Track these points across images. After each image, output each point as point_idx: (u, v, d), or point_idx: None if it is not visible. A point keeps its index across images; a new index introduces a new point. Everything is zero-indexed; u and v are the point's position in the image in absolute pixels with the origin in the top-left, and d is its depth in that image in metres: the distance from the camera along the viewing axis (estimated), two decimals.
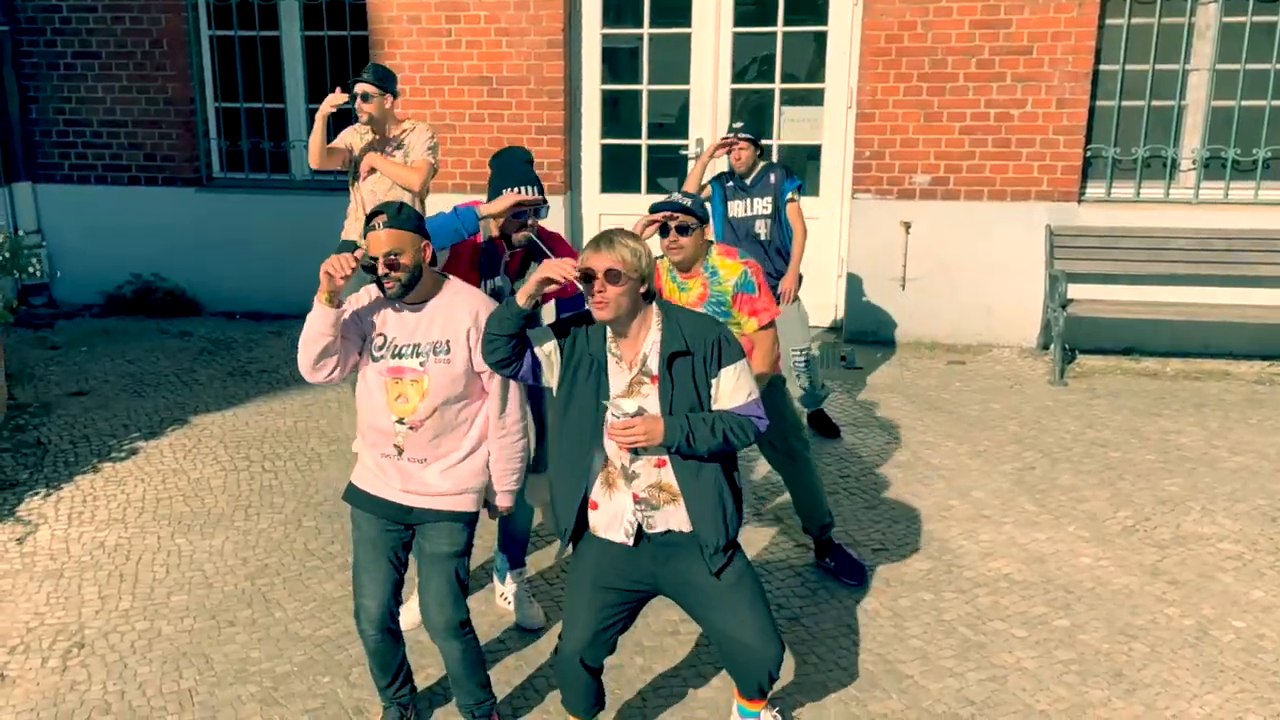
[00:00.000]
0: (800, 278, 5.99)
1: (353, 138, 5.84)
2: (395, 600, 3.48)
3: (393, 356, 3.31)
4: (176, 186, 8.84)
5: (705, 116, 8.15)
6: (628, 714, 3.77)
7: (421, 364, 3.30)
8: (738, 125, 5.99)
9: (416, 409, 3.31)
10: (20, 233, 8.35)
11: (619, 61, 8.44)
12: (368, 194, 5.68)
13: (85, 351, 7.82)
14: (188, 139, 8.79)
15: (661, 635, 4.25)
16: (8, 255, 6.14)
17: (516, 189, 3.85)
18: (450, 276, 3.45)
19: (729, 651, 3.31)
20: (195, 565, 4.80)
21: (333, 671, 4.01)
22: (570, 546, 3.32)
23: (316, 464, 5.88)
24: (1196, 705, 3.86)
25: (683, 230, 4.04)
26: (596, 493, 3.22)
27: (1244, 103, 7.59)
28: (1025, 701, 3.87)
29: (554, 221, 7.77)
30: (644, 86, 8.25)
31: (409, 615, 4.19)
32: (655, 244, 4.07)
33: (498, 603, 4.47)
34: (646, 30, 8.14)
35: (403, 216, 3.23)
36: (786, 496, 5.16)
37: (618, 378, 3.15)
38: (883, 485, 5.65)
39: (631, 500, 3.18)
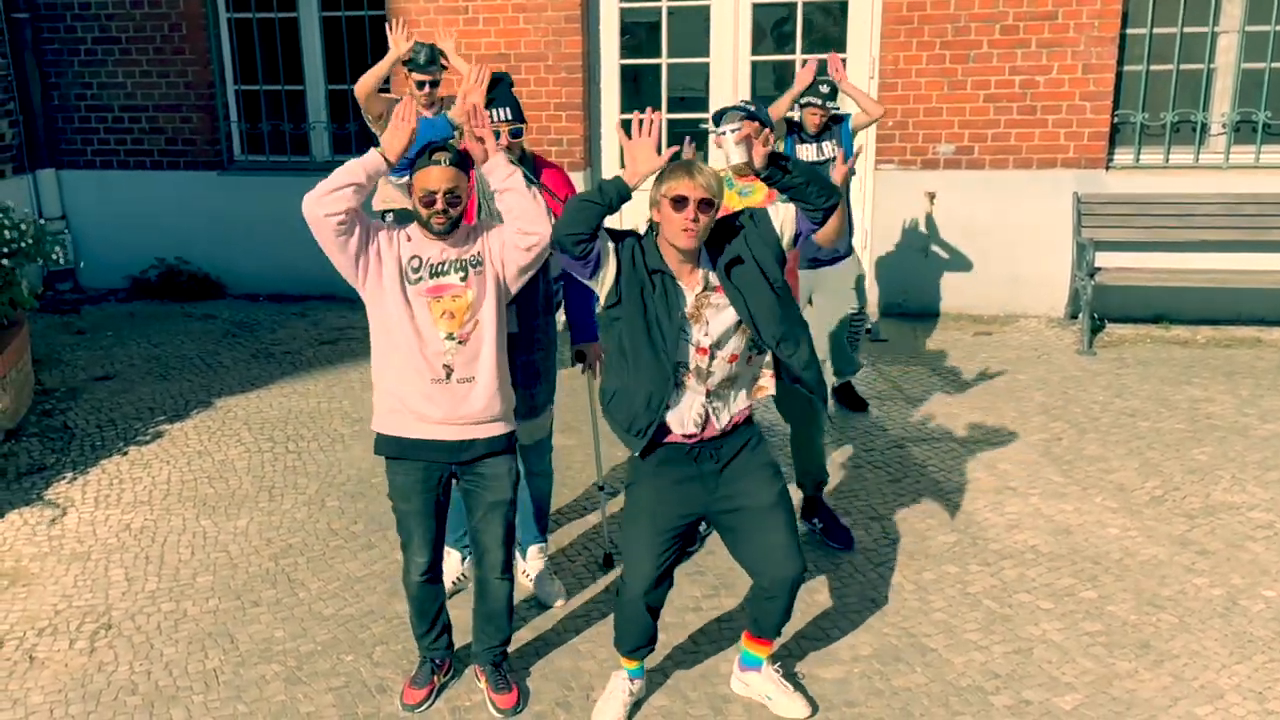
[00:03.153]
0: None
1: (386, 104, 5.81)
2: (440, 546, 3.63)
3: (431, 276, 3.38)
4: (198, 170, 8.87)
5: (725, 89, 8.08)
6: (650, 689, 3.76)
7: (463, 278, 3.40)
8: (819, 96, 5.93)
9: (464, 322, 3.39)
10: (44, 219, 8.41)
11: (639, 35, 8.36)
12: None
13: (111, 336, 7.87)
14: (208, 122, 8.81)
15: (684, 611, 4.24)
16: (32, 242, 6.17)
17: (491, 110, 3.86)
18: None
19: (758, 570, 3.42)
20: (220, 546, 4.83)
21: (356, 650, 4.03)
22: (644, 441, 3.34)
23: (340, 444, 5.90)
24: (1225, 675, 3.81)
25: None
26: (669, 395, 3.29)
27: (1275, 65, 7.44)
28: (1051, 674, 3.84)
29: None
30: (663, 60, 8.19)
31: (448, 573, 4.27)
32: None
33: (519, 579, 4.47)
34: (665, 3, 8.07)
35: (461, 156, 3.37)
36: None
37: (677, 294, 3.23)
38: (908, 458, 5.61)
39: (704, 395, 3.30)
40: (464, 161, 3.41)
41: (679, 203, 3.09)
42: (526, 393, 3.98)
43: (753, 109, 4.22)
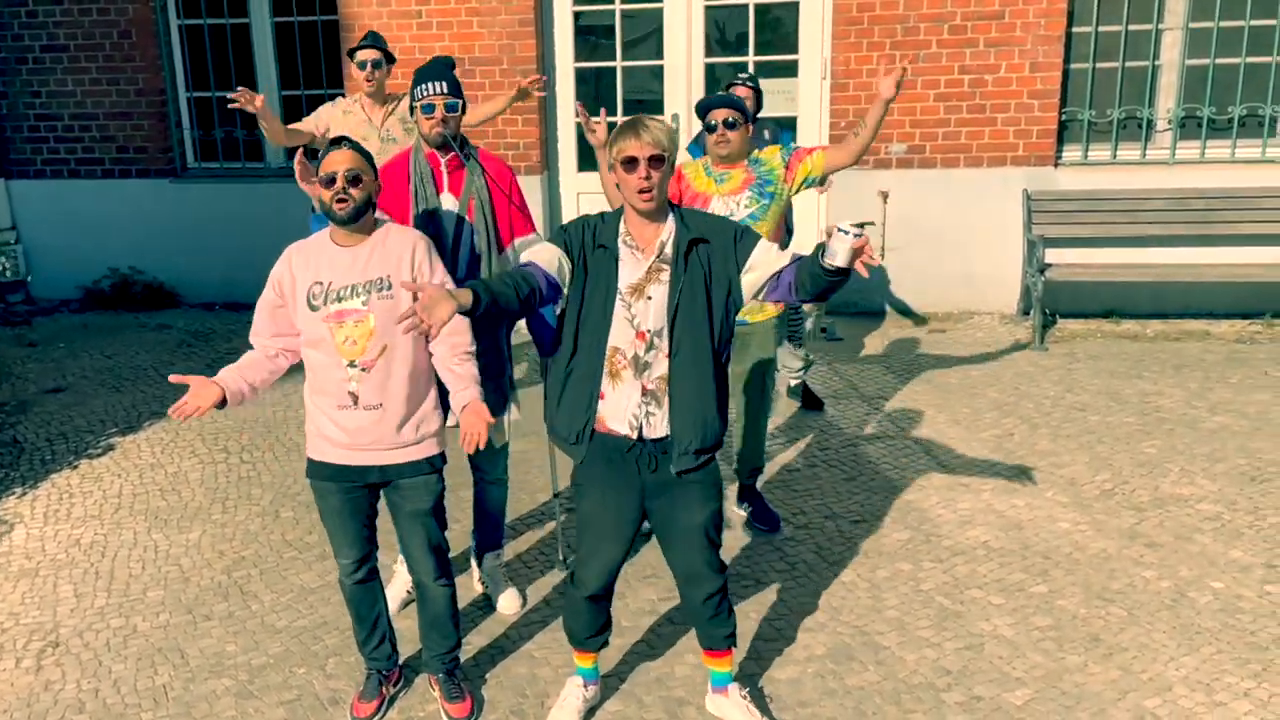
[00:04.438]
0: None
1: (331, 117, 5.68)
2: (372, 549, 3.59)
3: (333, 302, 3.30)
4: (151, 178, 8.79)
5: (680, 91, 8.10)
6: (605, 694, 3.77)
7: (364, 303, 3.30)
8: (743, 75, 5.77)
9: (365, 349, 3.31)
10: None
11: (593, 38, 8.37)
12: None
13: (63, 348, 7.79)
14: (160, 130, 8.73)
15: (639, 615, 4.25)
16: None
17: (425, 84, 3.81)
18: (387, 220, 3.49)
19: (681, 584, 3.42)
20: (172, 560, 4.79)
21: (309, 663, 4.00)
22: (583, 449, 3.27)
23: (295, 454, 5.86)
24: (1173, 668, 3.86)
25: (731, 125, 4.35)
26: (603, 384, 3.23)
27: (1218, 61, 7.55)
28: (1001, 670, 3.87)
29: (531, 201, 7.72)
30: (618, 63, 8.19)
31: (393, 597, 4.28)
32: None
33: (475, 586, 4.46)
34: (619, 6, 8.07)
35: (364, 150, 3.35)
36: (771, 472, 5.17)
37: (633, 266, 3.16)
38: (862, 456, 5.65)
39: (640, 392, 3.20)
40: (369, 156, 3.35)
41: (630, 164, 3.05)
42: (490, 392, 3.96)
43: (734, 98, 4.35)
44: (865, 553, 4.70)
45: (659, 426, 3.22)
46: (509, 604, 4.33)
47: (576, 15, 8.17)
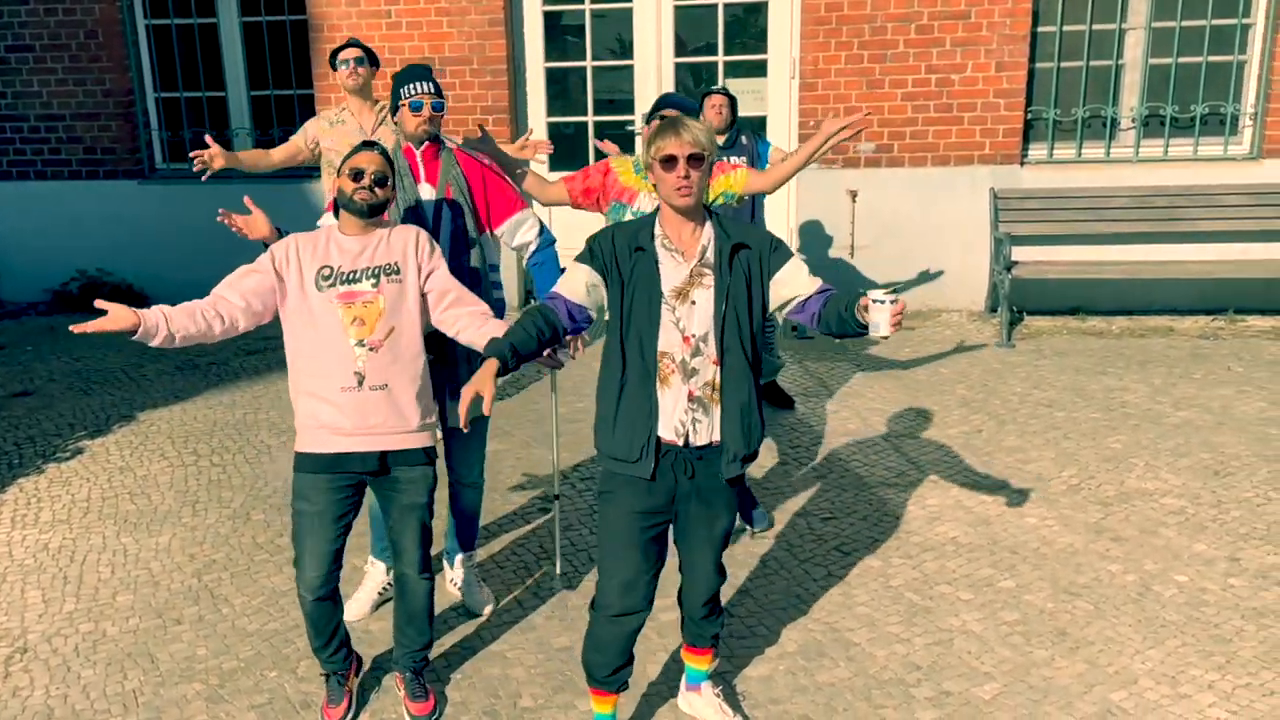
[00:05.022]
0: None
1: (319, 130, 5.64)
2: (337, 567, 3.53)
3: (342, 283, 3.40)
4: (119, 180, 8.73)
5: (650, 91, 8.12)
6: (575, 693, 3.78)
7: (374, 285, 3.41)
8: (716, 88, 5.82)
9: (374, 329, 3.40)
10: None
11: (564, 38, 8.37)
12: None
13: (30, 351, 7.72)
14: (128, 130, 8.67)
15: None
16: None
17: (413, 84, 3.93)
18: (390, 223, 3.61)
19: (685, 584, 3.43)
20: (141, 564, 4.77)
21: (280, 666, 4.00)
22: (649, 463, 3.17)
23: (266, 456, 5.84)
24: (1139, 660, 3.91)
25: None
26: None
27: (1181, 60, 7.64)
28: (970, 664, 3.92)
29: None
30: (588, 63, 8.20)
31: (356, 608, 4.28)
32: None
33: (447, 588, 4.46)
34: (589, 5, 8.08)
35: (391, 159, 3.49)
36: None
37: (675, 270, 3.11)
38: (832, 454, 5.69)
39: (686, 398, 3.15)
40: (394, 164, 3.52)
41: (668, 162, 3.02)
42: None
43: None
44: (835, 549, 4.74)
45: (704, 434, 3.17)
46: (481, 604, 4.34)
47: (547, 15, 8.17)
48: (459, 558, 4.40)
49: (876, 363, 6.99)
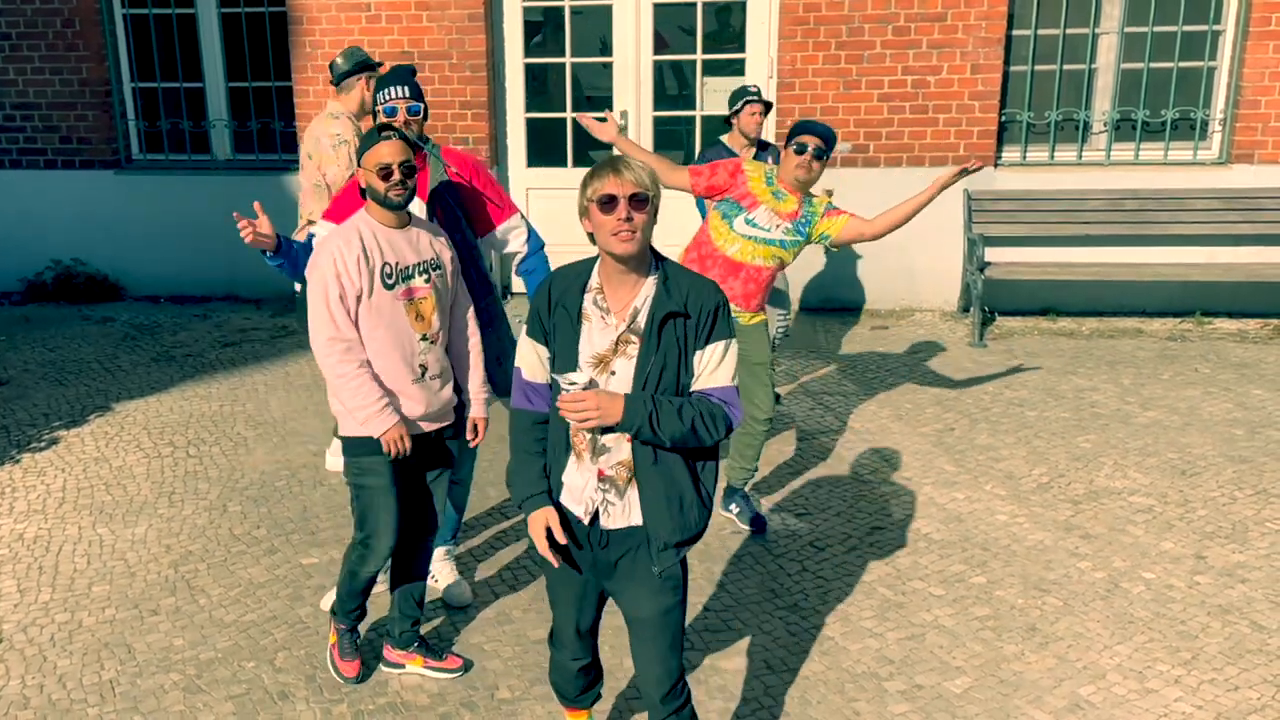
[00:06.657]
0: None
1: (321, 156, 5.32)
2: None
3: (403, 280, 3.51)
4: (95, 170, 8.67)
5: (629, 88, 8.15)
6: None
7: (426, 280, 3.55)
8: (753, 88, 5.81)
9: (431, 323, 3.57)
10: None
11: (543, 34, 8.39)
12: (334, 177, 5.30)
13: (4, 340, 7.68)
14: (105, 120, 8.62)
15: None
16: None
17: (388, 89, 3.95)
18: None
19: (637, 673, 3.02)
20: (117, 554, 4.77)
21: (257, 657, 4.01)
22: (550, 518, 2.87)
23: (242, 448, 5.84)
24: (1107, 656, 3.99)
25: (819, 155, 4.48)
26: (568, 458, 2.89)
27: (1152, 65, 7.75)
28: (942, 659, 3.98)
29: None
30: (567, 59, 8.23)
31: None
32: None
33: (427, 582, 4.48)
34: (568, 2, 8.10)
35: (407, 136, 3.53)
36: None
37: (601, 334, 2.76)
38: (807, 451, 5.74)
39: (596, 477, 2.82)
40: (411, 141, 3.56)
41: (607, 203, 2.64)
42: (503, 369, 4.17)
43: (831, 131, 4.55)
44: (810, 545, 4.79)
45: (617, 517, 2.83)
46: (459, 597, 4.37)
47: (525, 11, 8.19)
48: (439, 551, 4.42)
49: (850, 360, 7.06)
